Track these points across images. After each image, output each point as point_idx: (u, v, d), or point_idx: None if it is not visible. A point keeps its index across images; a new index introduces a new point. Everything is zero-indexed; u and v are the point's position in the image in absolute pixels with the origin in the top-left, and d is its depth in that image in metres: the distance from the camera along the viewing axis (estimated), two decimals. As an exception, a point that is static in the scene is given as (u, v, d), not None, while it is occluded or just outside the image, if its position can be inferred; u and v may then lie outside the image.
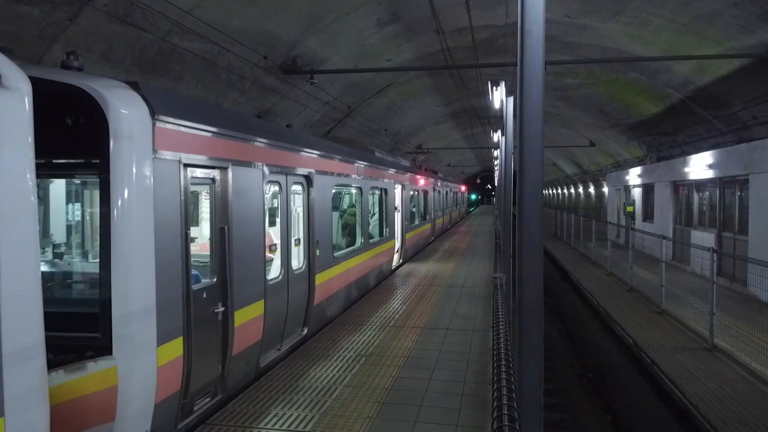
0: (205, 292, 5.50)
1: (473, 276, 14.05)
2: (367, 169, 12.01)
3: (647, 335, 9.58)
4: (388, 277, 13.88)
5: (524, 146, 2.91)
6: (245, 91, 14.67)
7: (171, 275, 4.83)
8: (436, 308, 10.19)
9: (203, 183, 5.64)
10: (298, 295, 7.87)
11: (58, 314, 4.49)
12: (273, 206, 7.55)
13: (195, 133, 5.28)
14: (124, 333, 4.30)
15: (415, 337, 8.14)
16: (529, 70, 2.97)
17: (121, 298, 4.29)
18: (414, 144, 33.38)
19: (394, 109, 25.22)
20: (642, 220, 21.74)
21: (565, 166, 48.88)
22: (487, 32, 17.55)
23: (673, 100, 18.87)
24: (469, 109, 29.81)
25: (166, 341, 4.72)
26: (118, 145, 4.30)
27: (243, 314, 6.15)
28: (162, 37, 10.60)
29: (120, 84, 4.57)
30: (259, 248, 6.63)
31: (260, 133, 6.81)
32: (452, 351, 7.45)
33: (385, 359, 7.09)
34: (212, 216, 5.78)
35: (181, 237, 4.97)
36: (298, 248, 8.17)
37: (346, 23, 14.58)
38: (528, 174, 2.89)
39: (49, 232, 5.53)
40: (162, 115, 4.71)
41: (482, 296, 11.40)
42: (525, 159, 2.90)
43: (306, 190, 8.37)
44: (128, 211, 4.33)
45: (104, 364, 4.25)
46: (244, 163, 6.24)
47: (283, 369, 6.76)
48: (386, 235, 14.03)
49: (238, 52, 12.36)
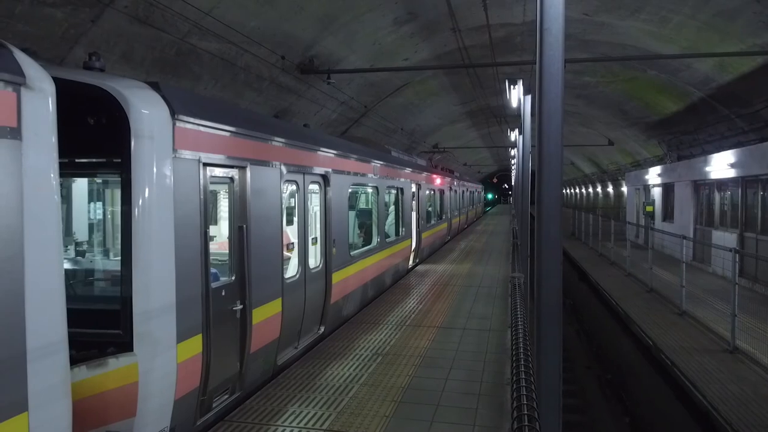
0: (224, 289, 5.55)
1: (490, 276, 13.99)
2: (383, 169, 12.02)
3: (667, 337, 9.46)
4: (404, 277, 13.87)
5: (543, 145, 2.90)
6: (263, 91, 14.77)
7: (190, 273, 4.88)
8: (453, 308, 10.17)
9: (222, 182, 5.69)
10: (314, 294, 7.91)
11: (80, 311, 4.57)
12: (290, 205, 7.59)
13: (214, 133, 5.33)
14: (145, 330, 4.36)
15: (431, 337, 8.13)
16: (549, 68, 2.96)
17: (142, 295, 4.35)
18: (430, 143, 33.33)
19: (410, 109, 25.20)
20: (662, 220, 21.46)
21: (583, 165, 48.43)
22: (504, 31, 17.45)
23: (694, 98, 18.60)
24: (486, 108, 29.68)
25: (185, 338, 4.77)
26: (139, 144, 4.35)
27: (261, 312, 6.19)
28: (181, 37, 10.71)
29: (141, 84, 4.63)
30: (277, 247, 6.68)
31: (278, 133, 6.85)
32: (469, 351, 7.43)
33: (402, 358, 7.09)
34: (231, 215, 5.83)
35: (201, 235, 5.02)
36: (315, 247, 8.21)
37: (363, 22, 14.61)
38: (547, 173, 2.88)
39: (71, 230, 5.63)
40: (182, 114, 4.76)
41: (499, 296, 11.35)
42: (544, 158, 2.88)
43: (323, 189, 8.41)
44: (149, 210, 4.39)
45: (125, 360, 4.32)
46: (263, 163, 6.28)
47: (300, 367, 6.80)
48: (402, 235, 14.02)
49: (255, 52, 12.45)
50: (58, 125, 4.56)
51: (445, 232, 22.60)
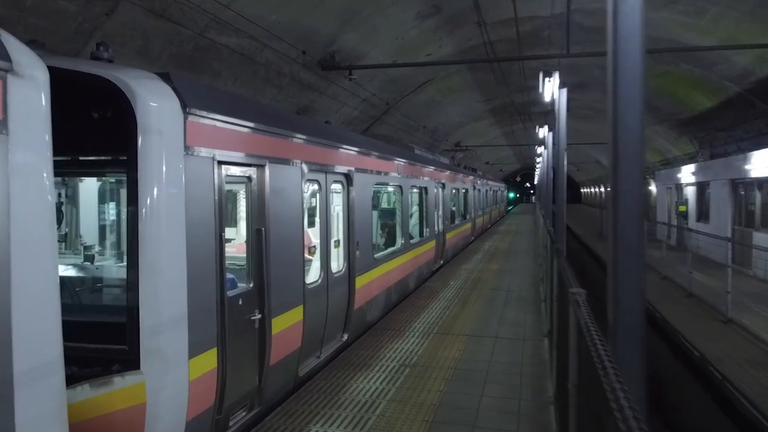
0: (241, 298, 5.13)
1: (519, 278, 13.43)
2: (407, 167, 11.55)
3: (714, 346, 8.82)
4: (429, 280, 13.38)
5: (619, 146, 2.40)
6: (283, 88, 14.39)
7: (204, 281, 4.46)
8: (482, 313, 9.64)
9: (239, 182, 5.28)
10: (337, 300, 7.47)
11: (83, 324, 4.18)
12: (312, 206, 7.16)
13: (230, 129, 4.91)
14: (153, 345, 3.95)
15: (461, 346, 7.63)
16: (624, 56, 2.45)
17: (150, 306, 3.94)
18: (452, 141, 32.76)
19: (433, 106, 24.68)
20: (696, 220, 20.62)
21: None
22: (531, 24, 16.84)
23: (731, 93, 17.78)
24: (510, 105, 29.01)
25: (198, 353, 4.36)
26: (146, 140, 3.94)
27: (281, 321, 5.77)
28: (199, 32, 10.36)
29: (149, 75, 4.22)
30: (298, 251, 6.25)
31: (299, 129, 6.42)
32: (503, 362, 6.91)
33: (431, 370, 6.61)
34: (248, 217, 5.41)
35: (215, 239, 4.61)
36: (338, 250, 7.77)
37: (386, 17, 14.14)
38: (624, 175, 2.38)
39: (77, 233, 5.27)
40: (194, 108, 4.34)
41: (530, 300, 10.79)
42: (620, 160, 2.39)
43: (346, 189, 7.96)
44: (158, 212, 3.98)
45: (131, 379, 3.91)
46: (282, 161, 5.85)
47: (323, 379, 6.36)
48: (426, 236, 13.53)
49: (276, 47, 12.07)
50: (60, 120, 4.19)
51: (469, 232, 22.03)
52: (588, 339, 2.02)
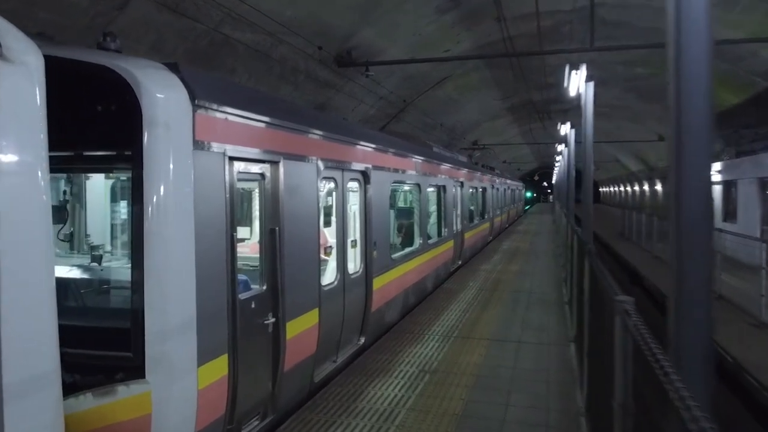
0: (254, 301, 4.87)
1: (540, 280, 13.05)
2: (425, 165, 11.24)
3: (749, 352, 8.39)
4: (447, 281, 13.06)
5: (684, 142, 2.09)
6: (298, 85, 14.17)
7: (214, 283, 4.21)
8: (504, 316, 9.31)
9: (251, 179, 5.02)
10: (354, 302, 7.20)
11: (87, 329, 3.97)
12: (328, 205, 6.90)
13: (242, 123, 4.66)
14: (159, 352, 3.70)
15: (483, 351, 7.31)
16: (690, 45, 2.13)
17: (156, 311, 3.69)
18: (470, 140, 32.36)
19: (450, 104, 24.32)
20: (722, 220, 20.01)
21: (628, 162, 46.53)
22: (552, 19, 16.44)
23: (758, 88, 17.21)
24: (528, 103, 28.54)
25: (208, 360, 4.11)
26: (152, 133, 3.70)
27: (296, 325, 5.51)
28: (214, 27, 10.16)
29: (156, 65, 3.98)
30: (314, 251, 5.98)
31: (314, 124, 6.15)
32: (528, 369, 6.58)
33: (452, 377, 6.30)
34: (262, 216, 5.15)
35: (226, 240, 4.35)
36: (355, 250, 7.50)
37: (404, 12, 13.85)
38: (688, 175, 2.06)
39: (84, 233, 5.06)
40: (204, 100, 4.09)
41: (553, 303, 10.43)
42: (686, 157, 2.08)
43: (363, 187, 7.68)
44: (164, 210, 3.73)
45: (136, 388, 3.67)
46: (297, 157, 5.59)
47: (339, 385, 6.09)
48: (445, 235, 13.21)
49: (291, 42, 11.83)
50: (63, 113, 3.98)
51: (487, 232, 21.64)
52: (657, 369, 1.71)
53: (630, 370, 2.71)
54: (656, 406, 2.11)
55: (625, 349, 2.72)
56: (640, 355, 2.11)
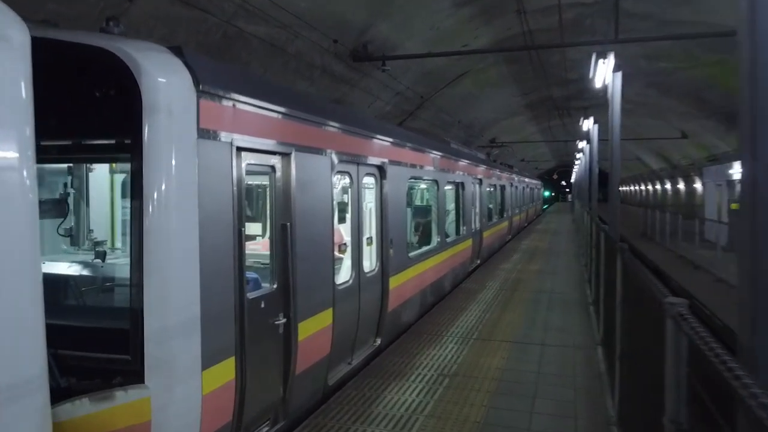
0: (264, 300, 4.61)
1: (562, 280, 12.64)
2: (443, 161, 10.91)
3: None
4: (466, 280, 12.72)
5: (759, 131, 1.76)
6: (314, 81, 13.92)
7: (220, 282, 3.95)
8: (525, 317, 8.95)
9: (261, 171, 4.76)
10: (370, 302, 6.92)
11: (85, 329, 3.73)
12: (342, 200, 6.62)
13: (251, 111, 4.39)
14: (160, 355, 3.45)
15: (504, 354, 6.98)
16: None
17: (156, 310, 3.44)
18: (488, 137, 31.89)
19: (468, 100, 23.91)
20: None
21: (649, 161, 45.60)
22: (573, 12, 15.97)
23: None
24: (548, 100, 27.99)
25: (213, 363, 3.85)
26: (153, 120, 3.44)
27: (308, 326, 5.24)
28: (227, 20, 9.94)
29: (158, 47, 3.73)
30: (327, 248, 5.71)
31: (329, 115, 5.88)
32: (553, 374, 6.24)
33: (473, 381, 5.98)
34: (272, 211, 4.89)
35: (234, 236, 4.09)
36: (370, 248, 7.22)
37: (420, 5, 13.52)
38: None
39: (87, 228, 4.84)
40: (209, 86, 3.83)
41: (576, 303, 10.04)
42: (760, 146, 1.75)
43: (379, 182, 7.39)
44: (166, 203, 3.48)
45: (135, 393, 3.42)
46: (310, 149, 5.32)
47: (354, 389, 5.81)
48: (463, 234, 12.87)
49: (307, 35, 11.58)
50: (61, 100, 3.75)
51: (506, 231, 21.23)
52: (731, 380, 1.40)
53: (684, 381, 2.39)
54: (724, 421, 1.80)
55: (678, 357, 2.40)
56: (699, 363, 1.80)
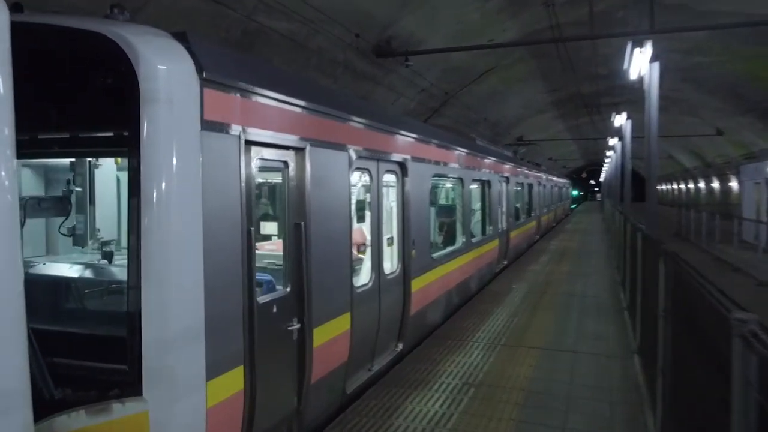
0: (276, 305, 4.32)
1: (594, 282, 12.12)
2: (468, 158, 10.52)
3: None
4: (492, 282, 12.29)
5: None
6: (337, 78, 13.65)
7: (227, 285, 3.67)
8: (555, 322, 8.52)
9: (273, 167, 4.47)
10: (391, 305, 6.59)
11: (83, 336, 3.49)
12: (361, 198, 6.31)
13: (262, 102, 4.10)
14: (159, 365, 3.17)
15: (533, 362, 6.58)
16: None
17: (155, 317, 3.17)
18: (514, 135, 31.26)
19: (494, 97, 23.40)
20: None
21: (682, 159, 44.29)
22: (604, 3, 15.39)
23: None
24: (576, 96, 27.28)
25: (219, 373, 3.57)
26: (151, 111, 3.17)
27: (324, 331, 4.94)
28: (247, 15, 9.73)
29: (159, 32, 3.46)
30: (345, 249, 5.40)
31: (346, 108, 5.56)
32: (587, 385, 5.82)
33: (500, 392, 5.61)
34: (285, 209, 4.59)
35: (242, 235, 3.81)
36: (391, 249, 6.89)
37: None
38: None
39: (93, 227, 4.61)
40: (215, 74, 3.55)
41: (610, 308, 9.55)
42: None
43: (400, 179, 7.06)
44: (166, 202, 3.21)
45: (132, 407, 3.15)
46: (326, 144, 5.01)
47: (373, 398, 5.49)
48: (489, 234, 12.45)
49: (329, 31, 11.30)
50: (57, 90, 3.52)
51: (534, 230, 20.68)
52: None
53: (753, 407, 2.01)
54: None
55: (746, 379, 2.03)
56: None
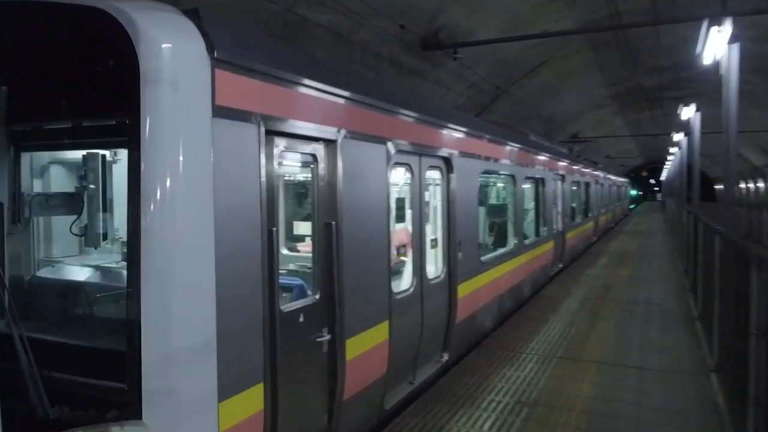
0: (302, 314, 3.88)
1: (659, 288, 11.18)
2: (521, 154, 9.86)
3: None
4: (546, 286, 11.55)
5: None
6: (381, 73, 13.21)
7: (243, 292, 3.26)
8: (617, 333, 7.76)
9: (299, 160, 4.04)
10: (435, 312, 6.07)
11: (84, 349, 3.15)
12: (401, 196, 5.81)
13: (285, 88, 3.67)
14: (162, 384, 2.79)
15: (595, 378, 5.91)
16: None
17: (157, 330, 2.78)
18: (570, 132, 30.04)
19: (548, 92, 22.43)
20: None
21: (751, 156, 41.57)
22: (669, -12, 14.35)
23: None
24: (636, 90, 25.89)
25: (235, 392, 3.16)
26: (152, 93, 2.78)
27: (358, 342, 4.48)
28: (288, 8, 9.43)
29: (166, 7, 3.07)
30: (383, 252, 4.92)
31: (384, 97, 5.08)
32: (657, 408, 5.12)
33: (557, 414, 4.99)
34: (314, 207, 4.16)
35: (262, 237, 3.39)
36: (435, 251, 6.37)
37: (496, -15, 12.50)
38: None
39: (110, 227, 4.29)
40: (228, 54, 3.13)
41: (678, 317, 8.68)
42: None
43: (445, 176, 6.52)
44: (170, 198, 2.81)
45: (131, 431, 2.77)
46: (361, 136, 4.55)
47: (414, 416, 4.99)
48: (544, 235, 11.71)
49: (373, 23, 10.88)
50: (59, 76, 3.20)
51: (591, 231, 19.63)
52: None
53: None
54: None
55: None
56: None
